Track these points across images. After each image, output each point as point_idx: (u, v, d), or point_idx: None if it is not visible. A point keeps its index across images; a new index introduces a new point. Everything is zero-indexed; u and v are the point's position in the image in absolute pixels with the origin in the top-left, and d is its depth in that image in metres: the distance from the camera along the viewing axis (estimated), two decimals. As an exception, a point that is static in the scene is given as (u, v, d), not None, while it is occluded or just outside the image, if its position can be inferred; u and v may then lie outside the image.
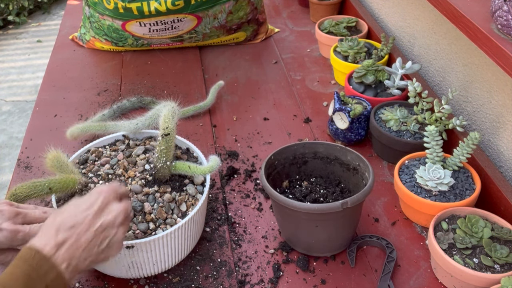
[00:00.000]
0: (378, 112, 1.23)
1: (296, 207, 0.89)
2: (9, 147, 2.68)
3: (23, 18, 3.89)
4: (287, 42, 1.73)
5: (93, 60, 1.65)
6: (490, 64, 1.12)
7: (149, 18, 1.51)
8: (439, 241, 0.91)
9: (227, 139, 1.30)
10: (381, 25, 1.71)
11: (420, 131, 1.16)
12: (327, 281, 0.94)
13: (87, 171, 1.00)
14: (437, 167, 1.02)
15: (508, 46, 0.88)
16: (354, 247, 0.99)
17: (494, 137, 1.14)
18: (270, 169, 1.01)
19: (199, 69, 1.58)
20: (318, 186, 1.05)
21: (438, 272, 0.93)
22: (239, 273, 0.95)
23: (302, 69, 1.58)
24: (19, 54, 3.55)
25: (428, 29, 1.39)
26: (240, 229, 1.05)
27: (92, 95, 1.47)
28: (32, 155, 1.25)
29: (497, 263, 0.87)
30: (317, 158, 1.06)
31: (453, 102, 1.29)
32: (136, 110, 1.38)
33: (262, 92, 1.48)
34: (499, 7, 0.91)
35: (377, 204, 1.10)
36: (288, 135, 1.31)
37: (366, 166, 0.97)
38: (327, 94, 1.46)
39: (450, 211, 0.97)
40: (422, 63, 1.45)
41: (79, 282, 0.94)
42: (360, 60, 1.45)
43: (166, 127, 0.95)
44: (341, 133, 1.23)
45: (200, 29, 1.58)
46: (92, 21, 1.62)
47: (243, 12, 1.61)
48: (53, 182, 0.87)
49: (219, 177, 1.17)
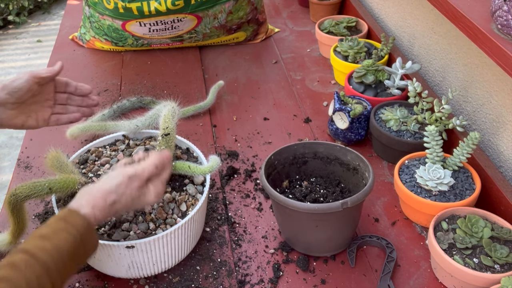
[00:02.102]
0: (378, 112, 1.23)
1: (296, 207, 0.89)
2: (9, 147, 2.68)
3: (23, 18, 3.89)
4: (287, 42, 1.73)
5: (93, 60, 1.65)
6: (490, 64, 1.12)
7: (149, 18, 1.51)
8: (439, 241, 0.91)
9: (227, 139, 1.30)
10: (381, 25, 1.71)
11: (420, 131, 1.16)
12: (327, 281, 0.94)
13: (87, 171, 1.00)
14: (437, 167, 1.02)
15: (508, 46, 0.88)
16: (354, 247, 0.99)
17: (494, 137, 1.14)
18: (270, 169, 1.01)
19: (199, 69, 1.58)
20: (318, 186, 1.05)
21: (438, 272, 0.93)
22: (239, 273, 0.95)
23: (302, 69, 1.58)
24: (19, 54, 3.55)
25: (428, 29, 1.39)
26: (240, 229, 1.05)
27: (92, 95, 1.47)
28: (32, 155, 1.25)
29: (497, 263, 0.87)
30: (317, 158, 1.06)
31: (453, 102, 1.29)
32: (136, 110, 1.38)
33: (262, 92, 1.48)
34: (499, 7, 0.91)
35: (377, 204, 1.10)
36: (288, 135, 1.31)
37: (366, 166, 0.97)
38: (327, 94, 1.46)
39: (450, 211, 0.97)
40: (422, 63, 1.45)
41: (79, 282, 0.94)
42: (360, 60, 1.45)
43: (166, 127, 0.95)
44: (341, 133, 1.23)
45: (200, 29, 1.58)
46: (92, 21, 1.62)
47: (243, 12, 1.61)
48: (53, 182, 0.87)
49: (219, 177, 1.17)
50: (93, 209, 0.77)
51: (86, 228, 0.74)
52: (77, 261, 0.74)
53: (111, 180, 0.80)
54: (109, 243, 0.84)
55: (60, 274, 0.69)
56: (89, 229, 0.75)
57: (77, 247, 0.72)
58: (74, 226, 0.73)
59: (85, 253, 0.75)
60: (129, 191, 0.80)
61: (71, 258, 0.71)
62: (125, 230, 0.89)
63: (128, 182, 0.80)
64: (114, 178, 0.80)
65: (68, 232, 0.72)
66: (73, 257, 0.72)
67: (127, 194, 0.80)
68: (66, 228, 0.72)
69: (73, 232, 0.72)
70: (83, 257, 0.75)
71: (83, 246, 0.74)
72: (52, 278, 0.68)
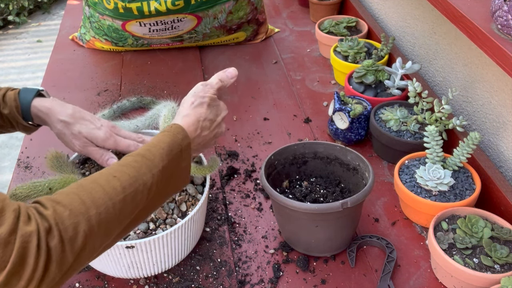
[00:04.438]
0: (378, 112, 1.23)
1: (296, 207, 0.89)
2: (9, 147, 2.68)
3: (23, 18, 3.89)
4: (287, 42, 1.73)
5: (93, 60, 1.65)
6: (490, 64, 1.12)
7: (149, 18, 1.51)
8: (439, 241, 0.91)
9: (227, 139, 1.30)
10: (381, 25, 1.71)
11: (420, 131, 1.16)
12: (327, 281, 0.94)
13: (87, 171, 1.00)
14: (437, 167, 1.02)
15: (508, 46, 0.88)
16: (354, 247, 0.99)
17: (494, 137, 1.14)
18: (270, 169, 1.01)
19: (199, 69, 1.58)
20: (318, 186, 1.05)
21: (438, 272, 0.93)
22: (239, 273, 0.95)
23: (302, 69, 1.58)
24: (19, 54, 3.55)
25: (428, 29, 1.39)
26: (240, 229, 1.05)
27: (92, 95, 1.47)
28: (32, 155, 1.25)
29: (497, 263, 0.87)
30: (317, 158, 1.06)
31: (453, 102, 1.29)
32: (136, 110, 1.38)
33: (262, 92, 1.48)
34: (499, 7, 0.91)
35: (377, 204, 1.10)
36: (288, 135, 1.31)
37: (366, 166, 0.97)
38: (327, 94, 1.46)
39: (450, 211, 0.97)
40: (422, 63, 1.45)
41: (79, 282, 0.94)
42: (360, 60, 1.45)
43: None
44: (341, 133, 1.23)
45: (200, 29, 1.58)
46: (92, 21, 1.62)
47: (243, 12, 1.61)
48: (53, 182, 0.87)
49: (219, 177, 1.17)
50: (186, 112, 0.84)
51: (178, 127, 0.80)
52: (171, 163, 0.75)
53: (190, 93, 0.88)
54: (109, 243, 0.84)
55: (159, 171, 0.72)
56: (181, 129, 0.80)
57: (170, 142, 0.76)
58: (165, 130, 0.79)
59: (179, 156, 0.77)
60: (209, 94, 0.86)
61: (170, 158, 0.74)
62: (125, 230, 0.89)
63: (204, 88, 0.87)
64: (192, 90, 0.88)
65: (166, 134, 0.78)
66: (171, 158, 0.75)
67: (209, 96, 0.86)
68: (164, 133, 0.78)
69: (170, 132, 0.78)
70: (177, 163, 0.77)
71: (176, 144, 0.77)
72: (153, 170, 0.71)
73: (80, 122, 0.95)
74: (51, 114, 0.95)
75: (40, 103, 0.95)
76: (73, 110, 0.96)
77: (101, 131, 0.95)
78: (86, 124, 0.95)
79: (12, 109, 0.95)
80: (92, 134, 0.94)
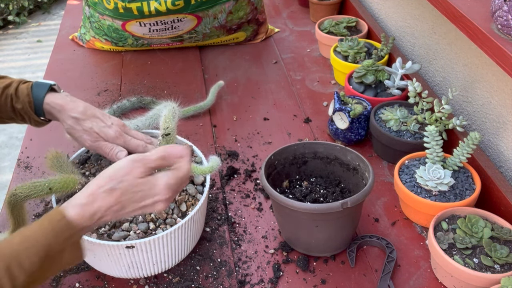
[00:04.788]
0: (378, 112, 1.23)
1: (296, 207, 0.89)
2: (9, 147, 2.68)
3: (23, 18, 3.89)
4: (287, 42, 1.73)
5: (93, 60, 1.65)
6: (490, 64, 1.12)
7: (149, 18, 1.51)
8: (439, 241, 0.91)
9: (227, 139, 1.30)
10: (381, 25, 1.71)
11: (420, 131, 1.16)
12: (327, 281, 0.94)
13: (87, 171, 1.00)
14: (437, 167, 1.02)
15: (508, 46, 0.88)
16: (354, 247, 0.99)
17: (494, 137, 1.14)
18: (270, 169, 1.01)
19: (199, 69, 1.58)
20: (318, 186, 1.05)
21: (438, 272, 0.93)
22: (239, 273, 0.95)
23: (302, 69, 1.58)
24: (19, 54, 3.55)
25: (428, 29, 1.39)
26: (240, 229, 1.05)
27: (92, 95, 1.47)
28: (32, 155, 1.25)
29: (497, 263, 0.87)
30: (317, 158, 1.06)
31: (453, 102, 1.29)
32: (136, 110, 1.38)
33: (262, 92, 1.48)
34: (499, 7, 0.91)
35: (377, 204, 1.10)
36: (288, 135, 1.31)
37: (366, 166, 0.97)
38: (327, 94, 1.46)
39: (450, 211, 0.97)
40: (422, 63, 1.45)
41: (79, 282, 0.94)
42: (360, 60, 1.45)
43: (167, 127, 0.95)
44: (341, 133, 1.23)
45: (200, 29, 1.58)
46: (92, 21, 1.62)
47: (243, 12, 1.61)
48: (53, 182, 0.87)
49: (219, 177, 1.17)
50: (86, 200, 0.71)
51: (63, 224, 0.68)
52: (48, 261, 0.67)
53: (112, 167, 0.74)
54: (109, 243, 0.84)
55: (23, 269, 0.64)
56: (68, 227, 0.68)
57: (49, 243, 0.66)
58: (49, 219, 0.68)
59: (62, 251, 0.68)
60: (131, 177, 0.72)
61: (40, 255, 0.65)
62: (125, 230, 0.89)
63: (130, 166, 0.72)
64: (116, 164, 0.74)
65: (40, 224, 0.67)
66: (43, 254, 0.66)
67: (129, 181, 0.72)
68: (41, 222, 0.68)
69: (44, 224, 0.67)
70: (58, 257, 0.68)
71: (58, 243, 0.67)
72: (14, 272, 0.63)
73: (91, 119, 0.96)
74: (63, 111, 0.97)
75: (53, 100, 0.97)
76: (85, 107, 0.97)
77: (112, 130, 0.96)
78: (97, 122, 0.96)
79: (25, 104, 0.96)
80: (102, 133, 0.96)
